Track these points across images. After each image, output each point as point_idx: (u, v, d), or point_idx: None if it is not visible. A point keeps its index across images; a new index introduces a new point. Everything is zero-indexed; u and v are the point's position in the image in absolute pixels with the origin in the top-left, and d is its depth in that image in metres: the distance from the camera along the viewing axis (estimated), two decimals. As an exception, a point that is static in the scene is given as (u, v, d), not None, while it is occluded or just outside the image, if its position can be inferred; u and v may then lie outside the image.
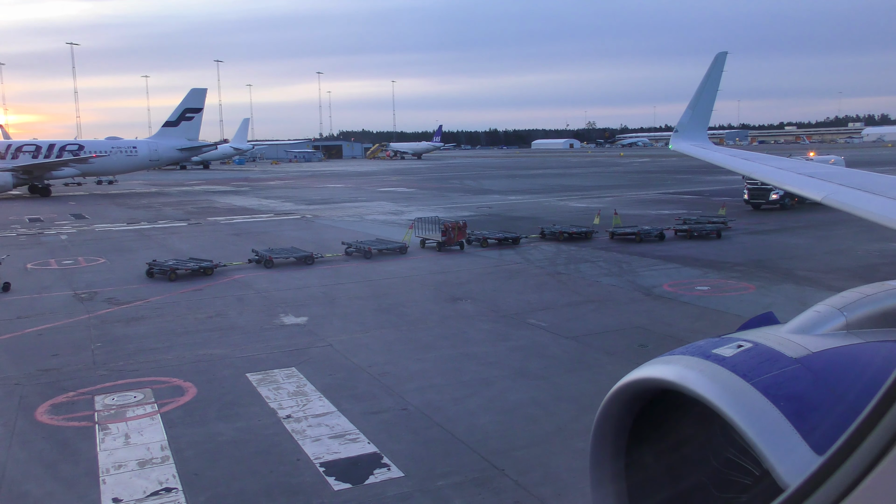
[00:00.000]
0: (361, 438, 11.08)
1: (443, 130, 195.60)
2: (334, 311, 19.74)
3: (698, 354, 3.27)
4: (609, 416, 3.52)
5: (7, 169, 60.40)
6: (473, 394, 13.00)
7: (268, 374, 14.27)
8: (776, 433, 2.73)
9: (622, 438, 3.51)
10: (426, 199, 55.76)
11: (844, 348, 3.25)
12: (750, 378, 2.98)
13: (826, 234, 32.53)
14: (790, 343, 3.28)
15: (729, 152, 15.55)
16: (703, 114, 15.43)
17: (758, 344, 3.29)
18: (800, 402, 2.83)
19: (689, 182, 68.73)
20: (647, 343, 15.84)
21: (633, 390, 3.43)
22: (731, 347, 3.27)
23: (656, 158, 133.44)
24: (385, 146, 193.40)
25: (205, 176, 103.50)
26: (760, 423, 2.77)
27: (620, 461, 3.51)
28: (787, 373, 3.02)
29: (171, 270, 24.49)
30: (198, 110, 75.39)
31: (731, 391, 2.93)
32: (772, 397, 2.86)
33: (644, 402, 3.45)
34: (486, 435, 11.17)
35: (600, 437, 3.52)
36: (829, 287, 20.84)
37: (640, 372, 3.43)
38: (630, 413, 3.48)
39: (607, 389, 13.32)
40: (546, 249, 29.35)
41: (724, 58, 16.41)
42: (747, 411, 2.82)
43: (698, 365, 3.16)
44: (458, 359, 15.13)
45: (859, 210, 5.76)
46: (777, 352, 3.19)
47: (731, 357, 3.17)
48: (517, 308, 19.42)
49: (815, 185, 7.21)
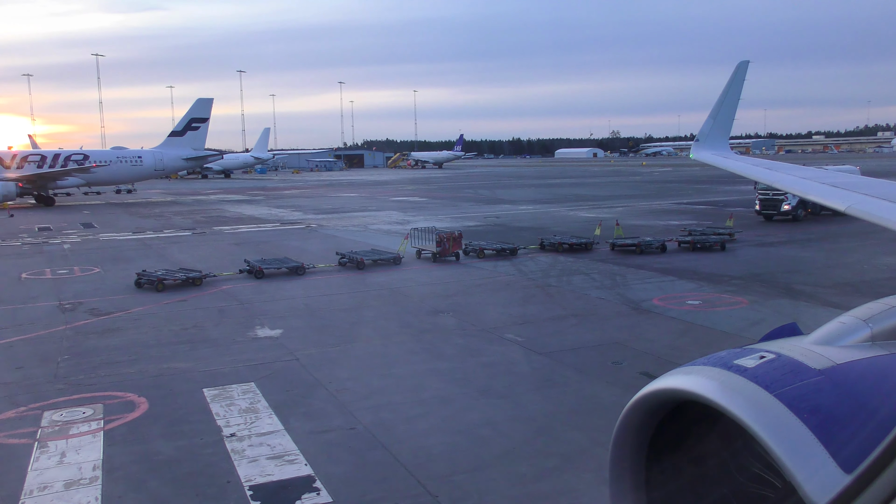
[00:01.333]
0: (300, 460, 10.66)
1: (466, 140, 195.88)
2: (312, 323, 19.38)
3: (720, 365, 3.17)
4: (628, 428, 3.41)
5: (11, 178, 61.01)
6: (428, 413, 12.53)
7: (224, 390, 13.92)
8: (802, 448, 2.66)
9: (642, 451, 3.43)
10: (436, 209, 55.39)
11: (869, 360, 3.17)
12: (773, 389, 2.91)
13: (835, 246, 31.59)
14: (814, 354, 3.19)
15: (751, 161, 15.13)
16: (724, 123, 15.30)
17: (781, 355, 3.20)
18: (824, 415, 2.77)
19: (706, 192, 67.66)
20: (623, 360, 15.25)
21: (653, 401, 3.32)
22: (754, 358, 3.18)
23: (678, 168, 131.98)
24: (406, 155, 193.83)
25: (223, 185, 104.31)
26: (785, 437, 2.70)
27: (640, 474, 3.44)
28: (811, 384, 2.94)
29: (159, 281, 24.34)
30: (204, 120, 75.53)
31: (754, 403, 2.86)
32: (796, 409, 2.79)
33: (664, 413, 3.36)
34: (430, 458, 10.69)
35: (619, 450, 3.44)
36: (825, 303, 20.09)
37: (660, 383, 3.33)
38: (650, 425, 3.39)
39: (569, 409, 12.86)
40: (542, 261, 28.79)
41: (745, 66, 16.37)
42: (771, 424, 2.75)
43: (720, 376, 3.07)
44: (423, 375, 14.67)
45: (884, 220, 5.64)
46: (800, 363, 3.10)
47: (753, 368, 3.09)
48: (498, 322, 18.91)
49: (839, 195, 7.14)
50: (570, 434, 11.49)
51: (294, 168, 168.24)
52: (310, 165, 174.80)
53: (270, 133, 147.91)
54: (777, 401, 2.84)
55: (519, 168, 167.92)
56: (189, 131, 74.43)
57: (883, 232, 5.95)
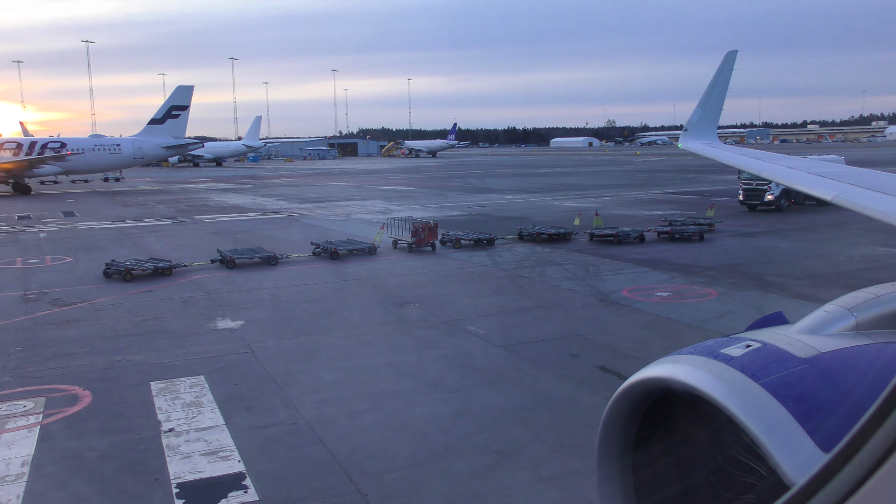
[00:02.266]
0: (234, 456, 10.42)
1: (461, 128, 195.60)
2: (274, 314, 19.13)
3: (706, 354, 3.23)
4: (616, 415, 3.48)
5: None
6: (374, 408, 12.30)
7: (172, 383, 13.68)
8: (783, 432, 2.71)
9: (629, 437, 3.50)
10: (422, 198, 55.07)
11: (854, 349, 3.24)
12: (758, 378, 2.96)
13: (814, 237, 31.41)
14: (799, 343, 3.26)
15: (739, 151, 15.22)
16: (712, 112, 15.28)
17: (766, 344, 3.26)
18: (808, 403, 2.82)
19: (695, 181, 67.45)
20: (581, 354, 15.02)
21: (641, 389, 3.37)
22: (740, 347, 3.24)
23: (671, 157, 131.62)
24: (400, 144, 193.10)
25: (213, 173, 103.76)
26: (767, 423, 2.75)
27: (627, 459, 3.51)
28: (796, 373, 3.00)
29: (127, 271, 24.04)
30: (184, 108, 74.57)
31: (739, 391, 2.91)
32: (780, 397, 2.84)
33: (652, 401, 3.41)
34: (368, 454, 10.47)
35: (607, 436, 3.52)
36: (795, 294, 19.90)
37: (648, 371, 3.37)
38: (637, 412, 3.45)
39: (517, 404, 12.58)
40: (519, 251, 28.55)
41: (734, 56, 16.30)
42: (755, 411, 2.80)
43: (706, 364, 3.13)
44: (376, 368, 14.44)
45: (869, 210, 5.75)
46: (786, 352, 3.16)
47: (739, 357, 3.14)
48: (462, 313, 18.68)
49: (826, 185, 7.17)
50: (514, 430, 11.28)
51: (287, 156, 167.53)
52: (303, 154, 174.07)
53: (263, 121, 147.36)
54: (762, 389, 2.90)
55: (513, 157, 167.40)
56: (169, 119, 73.51)
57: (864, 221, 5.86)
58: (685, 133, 15.27)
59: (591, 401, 12.39)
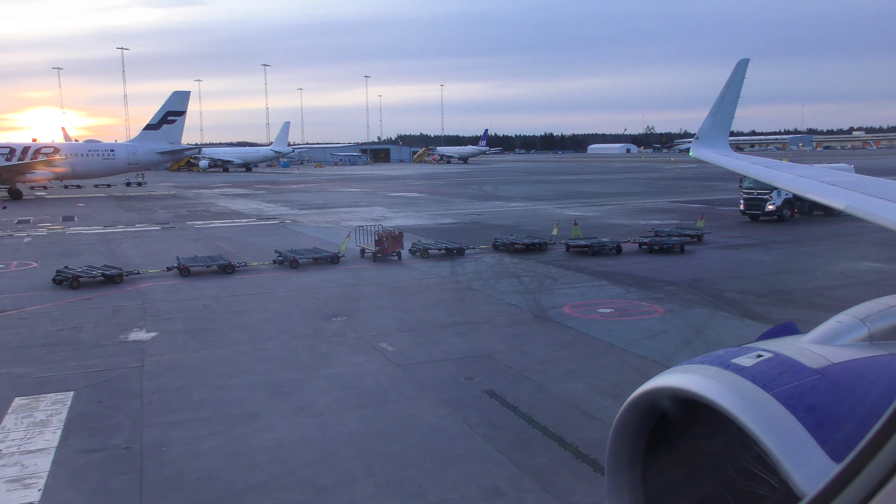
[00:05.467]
0: (38, 485, 9.76)
1: (498, 135, 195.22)
2: (193, 326, 18.53)
3: (717, 364, 3.18)
4: (626, 426, 3.43)
5: None
6: (221, 432, 11.54)
7: (35, 400, 13.12)
8: (794, 443, 2.67)
9: (639, 447, 3.45)
10: (423, 206, 54.35)
11: (866, 360, 3.20)
12: (769, 388, 2.93)
13: (803, 250, 29.77)
14: (811, 353, 3.21)
15: (750, 160, 15.23)
16: (724, 121, 15.25)
17: (778, 354, 3.21)
18: (820, 414, 2.78)
19: (712, 189, 65.46)
20: (477, 376, 14.05)
21: (651, 399, 3.32)
22: (751, 357, 3.19)
23: (703, 165, 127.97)
24: (432, 150, 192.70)
25: (236, 179, 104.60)
26: (779, 434, 2.71)
27: (637, 470, 3.47)
28: (808, 384, 2.96)
29: (74, 278, 23.76)
30: (180, 113, 74.84)
31: (750, 401, 2.88)
32: (791, 408, 2.81)
33: (662, 411, 3.34)
34: (177, 486, 9.70)
35: (617, 446, 3.47)
36: (745, 313, 18.63)
37: (658, 381, 3.31)
38: (647, 422, 3.40)
39: (374, 432, 11.48)
40: (485, 262, 27.58)
41: (745, 64, 16.20)
42: (766, 422, 2.77)
43: (717, 374, 3.09)
44: (254, 387, 13.69)
45: (881, 219, 5.70)
46: (797, 362, 3.12)
47: (750, 367, 3.10)
48: (384, 328, 17.85)
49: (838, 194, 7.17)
50: (351, 462, 10.40)
51: (318, 162, 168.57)
52: (334, 159, 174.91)
53: (298, 127, 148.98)
54: (773, 399, 2.85)
55: (543, 164, 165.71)
56: (165, 124, 73.82)
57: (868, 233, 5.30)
58: (696, 141, 15.32)
59: (455, 430, 11.48)
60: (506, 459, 10.35)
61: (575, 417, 11.92)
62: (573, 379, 13.81)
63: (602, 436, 11.15)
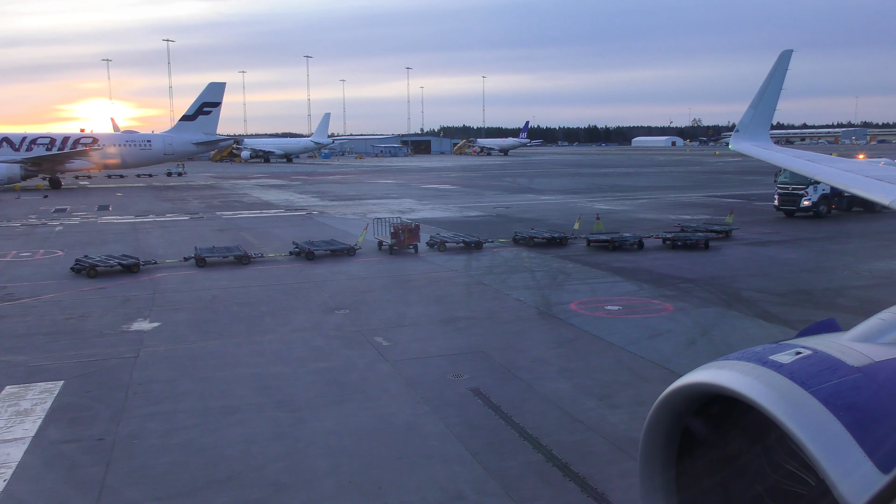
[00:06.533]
0: (6, 475, 9.80)
1: (541, 127, 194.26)
2: (197, 317, 18.60)
3: (754, 360, 3.11)
4: (659, 423, 3.35)
5: (16, 161, 62.09)
6: (196, 425, 11.48)
7: (25, 388, 13.25)
8: (837, 446, 2.59)
9: (673, 445, 3.38)
10: (453, 198, 54.05)
11: None
12: (808, 386, 2.83)
13: (833, 247, 28.68)
14: (852, 351, 3.10)
15: (792, 153, 15.24)
16: (765, 113, 15.02)
17: (817, 351, 3.11)
18: (861, 414, 2.69)
19: (752, 184, 63.78)
20: (466, 373, 13.77)
21: (684, 395, 3.24)
22: (790, 354, 3.10)
23: (746, 158, 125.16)
24: (472, 142, 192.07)
25: (273, 169, 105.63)
26: (820, 435, 2.63)
27: (671, 470, 3.40)
28: (848, 382, 2.85)
29: (91, 267, 24.11)
30: (216, 104, 75.63)
31: (789, 399, 2.80)
32: (832, 407, 2.72)
33: (696, 408, 3.28)
34: (137, 481, 9.63)
35: (650, 444, 3.40)
36: (758, 313, 17.98)
37: (692, 377, 3.22)
38: (680, 419, 3.33)
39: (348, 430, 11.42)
40: (502, 255, 27.21)
41: (788, 55, 15.86)
42: (806, 421, 2.69)
43: (754, 371, 3.01)
44: (239, 380, 13.62)
45: None
46: (837, 360, 3.01)
47: (788, 364, 3.01)
48: (385, 322, 17.67)
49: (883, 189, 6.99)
50: (317, 460, 10.22)
51: (358, 153, 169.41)
52: (374, 151, 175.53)
53: (340, 119, 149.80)
54: (812, 398, 2.77)
55: (584, 156, 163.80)
56: (200, 115, 74.73)
57: None
58: (736, 134, 15.08)
59: (430, 429, 11.23)
60: (475, 461, 10.07)
61: (556, 419, 11.56)
62: (563, 378, 13.43)
63: (579, 438, 10.83)
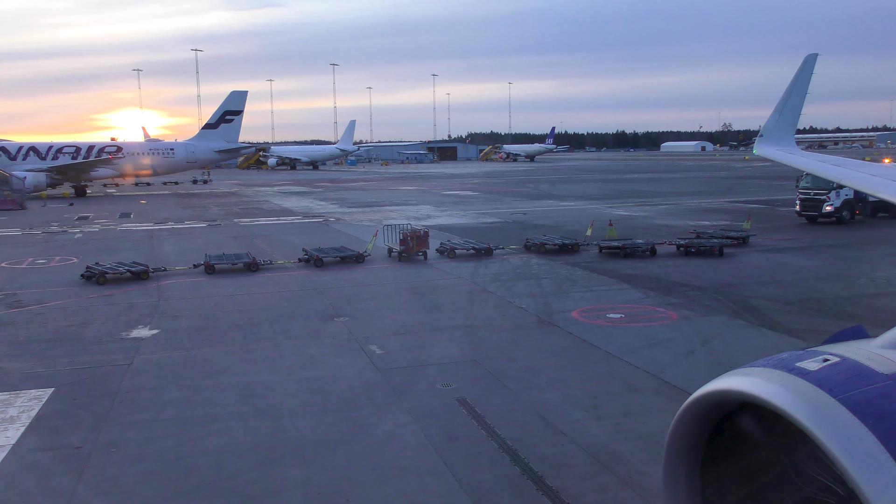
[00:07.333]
0: (-25, 483, 9.81)
1: (568, 132, 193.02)
2: (196, 324, 18.62)
3: (781, 367, 3.07)
4: (682, 432, 3.31)
5: (42, 169, 63.06)
6: (174, 434, 11.41)
7: (14, 395, 13.32)
8: (867, 457, 2.54)
9: (696, 455, 3.35)
10: (471, 204, 53.86)
11: None
12: (837, 394, 2.78)
13: (851, 255, 27.95)
14: (881, 358, 3.04)
15: (818, 157, 15.10)
16: (790, 118, 14.89)
17: (846, 358, 3.06)
18: (892, 422, 2.63)
19: (777, 189, 62.58)
20: (455, 382, 13.57)
21: (709, 403, 3.20)
22: (817, 361, 3.05)
23: (775, 163, 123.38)
24: (498, 148, 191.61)
25: (298, 176, 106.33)
26: (850, 444, 2.58)
27: (695, 480, 3.38)
28: (878, 389, 2.80)
29: (100, 275, 24.33)
30: (238, 112, 76.30)
31: (817, 407, 2.75)
32: (862, 416, 2.67)
33: (720, 415, 3.24)
34: (105, 490, 9.58)
35: (673, 454, 3.36)
36: (766, 323, 17.52)
37: (717, 384, 3.18)
38: (705, 427, 3.29)
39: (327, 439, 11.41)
40: (511, 263, 26.94)
41: (814, 60, 15.68)
42: (835, 430, 2.64)
43: (780, 378, 2.97)
44: (226, 389, 13.55)
45: None
46: (866, 367, 2.96)
47: (816, 371, 2.97)
48: (381, 330, 17.53)
49: None
50: (290, 471, 10.07)
51: (384, 160, 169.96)
52: (400, 158, 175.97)
53: (367, 126, 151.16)
54: (841, 406, 2.73)
55: (612, 162, 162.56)
56: (223, 124, 75.46)
57: None
58: (760, 139, 15.06)
59: (409, 440, 11.04)
60: (449, 474, 9.85)
61: (539, 430, 11.29)
62: (552, 388, 13.15)
63: (560, 451, 10.56)
